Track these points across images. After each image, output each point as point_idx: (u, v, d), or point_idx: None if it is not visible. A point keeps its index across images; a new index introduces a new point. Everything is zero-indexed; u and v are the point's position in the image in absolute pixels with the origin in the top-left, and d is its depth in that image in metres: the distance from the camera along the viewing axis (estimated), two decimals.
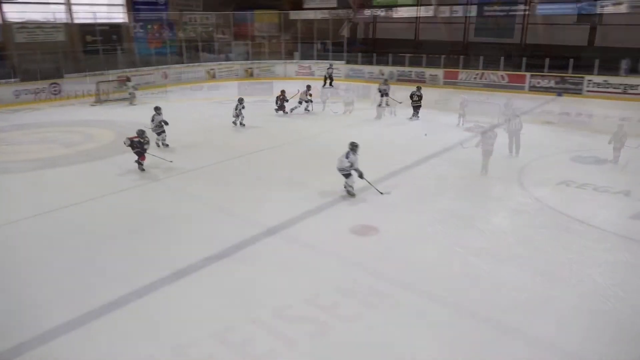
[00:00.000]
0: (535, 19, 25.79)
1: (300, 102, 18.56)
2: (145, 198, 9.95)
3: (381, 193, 9.61)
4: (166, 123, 13.32)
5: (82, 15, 27.21)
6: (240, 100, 15.88)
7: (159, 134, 13.24)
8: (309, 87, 18.91)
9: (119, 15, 29.27)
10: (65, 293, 6.39)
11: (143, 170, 11.40)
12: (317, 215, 8.84)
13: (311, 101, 18.69)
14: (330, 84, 26.16)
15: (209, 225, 8.48)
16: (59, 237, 8.14)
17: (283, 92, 18.36)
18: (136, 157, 11.42)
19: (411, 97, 17.38)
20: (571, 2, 23.67)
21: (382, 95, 19.55)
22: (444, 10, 27.50)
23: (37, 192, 10.37)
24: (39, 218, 8.88)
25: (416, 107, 17.41)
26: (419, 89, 17.73)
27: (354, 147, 9.54)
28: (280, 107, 18.28)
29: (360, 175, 9.53)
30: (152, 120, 13.20)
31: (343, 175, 9.56)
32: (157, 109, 13.35)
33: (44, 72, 23.03)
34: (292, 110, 18.39)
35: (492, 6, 26.14)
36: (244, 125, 15.99)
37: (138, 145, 11.30)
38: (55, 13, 26.18)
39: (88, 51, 26.36)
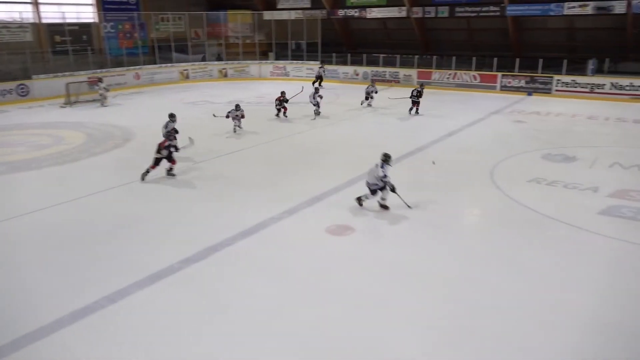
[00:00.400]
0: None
1: (316, 104, 17.95)
2: (119, 201, 9.76)
3: (409, 207, 8.95)
4: (176, 132, 12.82)
5: (50, 14, 26.62)
6: (237, 107, 15.35)
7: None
8: (317, 89, 18.40)
9: (89, 15, 28.74)
10: (36, 299, 6.23)
11: (155, 175, 10.88)
12: (293, 216, 8.83)
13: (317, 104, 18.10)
14: (320, 84, 26.25)
15: (185, 228, 8.38)
16: (30, 242, 7.94)
17: (283, 93, 17.54)
18: (168, 164, 10.91)
19: (412, 93, 18.22)
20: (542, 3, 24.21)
21: (366, 98, 19.74)
22: (417, 10, 27.78)
23: (6, 196, 10.07)
24: (9, 223, 8.63)
25: (414, 103, 18.18)
26: (421, 86, 18.77)
27: (387, 158, 8.81)
28: (281, 109, 17.50)
29: (393, 189, 8.78)
30: (166, 127, 12.47)
31: (371, 190, 8.86)
32: (171, 116, 12.68)
33: (11, 73, 22.44)
34: (316, 113, 17.86)
35: (463, 7, 26.53)
36: (241, 128, 15.56)
37: (167, 148, 10.73)
38: (22, 12, 25.55)
39: (57, 51, 25.79)
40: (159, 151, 10.74)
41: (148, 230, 8.28)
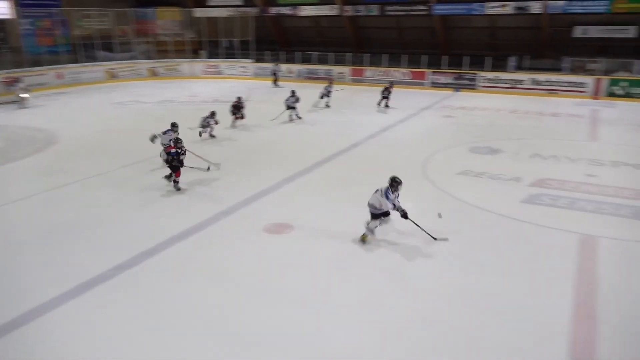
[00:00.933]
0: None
1: (292, 107, 16.85)
2: (43, 208, 9.21)
3: (434, 239, 7.58)
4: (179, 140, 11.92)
5: None
6: (213, 114, 14.16)
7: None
8: (293, 92, 17.16)
9: (4, 11, 26.87)
10: None
11: (179, 189, 9.92)
12: (230, 217, 8.72)
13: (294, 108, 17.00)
14: (276, 83, 26.16)
15: (116, 233, 8.04)
16: None
17: (240, 98, 16.07)
18: (169, 173, 9.97)
19: (382, 90, 19.83)
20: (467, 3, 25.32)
21: (321, 97, 19.65)
22: (348, 9, 28.20)
23: None
24: None
25: (384, 98, 19.63)
26: (391, 84, 20.40)
27: (394, 183, 7.55)
28: (235, 115, 15.86)
29: (404, 215, 7.47)
30: (170, 139, 11.25)
31: (372, 214, 7.60)
32: (174, 125, 11.73)
33: None
34: (291, 116, 16.92)
35: (392, 5, 27.25)
36: (214, 136, 14.43)
37: (175, 157, 9.76)
38: None
39: None
40: (172, 159, 9.84)
41: (76, 238, 7.87)
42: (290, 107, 17.00)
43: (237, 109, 15.94)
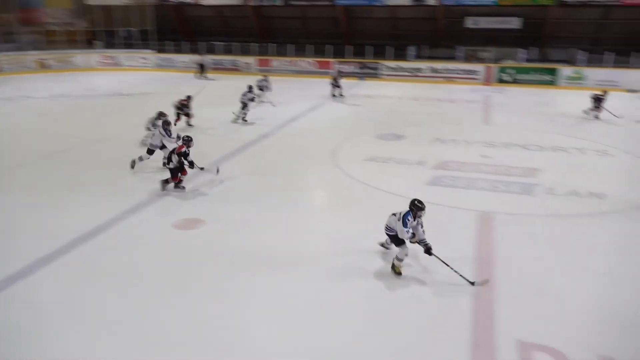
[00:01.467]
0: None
1: (244, 106, 15.22)
2: None
3: (472, 283, 6.20)
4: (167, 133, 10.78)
5: None
6: (161, 114, 11.75)
7: (161, 147, 10.55)
8: (250, 87, 15.79)
9: None
10: None
11: (163, 190, 9.17)
12: (136, 214, 8.33)
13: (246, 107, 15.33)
14: (203, 75, 25.10)
15: (5, 241, 7.37)
16: None
17: (189, 97, 14.49)
18: (176, 175, 9.13)
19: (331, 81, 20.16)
20: None
21: (261, 89, 18.93)
22: None
23: None
24: None
25: (335, 87, 19.76)
26: (339, 73, 21.75)
27: (416, 208, 6.37)
28: (187, 114, 14.33)
29: (428, 251, 6.43)
30: (165, 132, 10.53)
31: (392, 240, 6.71)
32: (166, 123, 10.74)
33: None
34: (240, 115, 15.27)
35: None
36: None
37: (181, 156, 8.98)
38: None
39: None
40: (171, 160, 8.96)
41: None
42: (244, 105, 15.34)
43: (186, 107, 14.39)
